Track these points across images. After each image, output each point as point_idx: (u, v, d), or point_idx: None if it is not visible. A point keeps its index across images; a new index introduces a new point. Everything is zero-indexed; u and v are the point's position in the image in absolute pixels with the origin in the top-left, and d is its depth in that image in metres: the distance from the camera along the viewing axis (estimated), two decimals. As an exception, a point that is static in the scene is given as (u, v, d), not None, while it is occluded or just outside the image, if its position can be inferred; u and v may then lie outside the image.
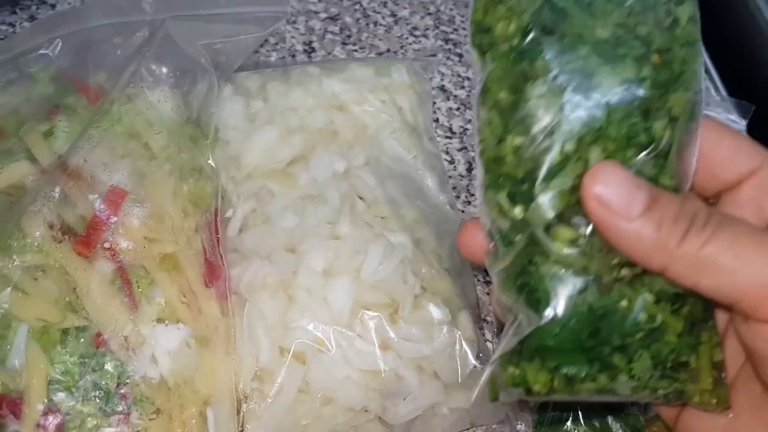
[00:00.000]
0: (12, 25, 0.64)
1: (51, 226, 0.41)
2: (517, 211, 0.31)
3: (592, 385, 0.31)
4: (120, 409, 0.37)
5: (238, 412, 0.40)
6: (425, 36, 0.65)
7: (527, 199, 0.31)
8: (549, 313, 0.30)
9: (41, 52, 0.54)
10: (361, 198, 0.48)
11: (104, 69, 0.52)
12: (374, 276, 0.43)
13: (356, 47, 0.64)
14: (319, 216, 0.46)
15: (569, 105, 0.30)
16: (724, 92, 0.62)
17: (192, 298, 0.42)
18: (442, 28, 0.66)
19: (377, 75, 0.55)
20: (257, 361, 0.41)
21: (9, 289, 0.38)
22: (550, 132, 0.30)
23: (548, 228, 0.30)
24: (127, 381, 0.37)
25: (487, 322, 0.49)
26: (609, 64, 0.30)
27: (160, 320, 0.40)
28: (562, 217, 0.30)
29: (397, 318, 0.42)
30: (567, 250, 0.30)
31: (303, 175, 0.49)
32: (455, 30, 0.66)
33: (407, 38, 0.65)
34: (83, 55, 0.53)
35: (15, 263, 0.39)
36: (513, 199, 0.31)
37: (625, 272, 0.31)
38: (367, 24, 0.65)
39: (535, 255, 0.31)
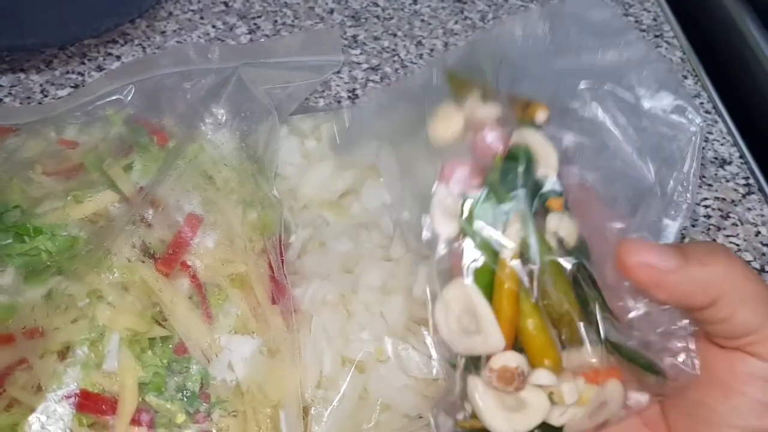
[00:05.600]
0: (81, 74, 0.70)
1: (135, 248, 0.45)
2: None
3: None
4: (203, 408, 0.41)
5: (305, 417, 0.44)
6: (459, 83, 0.70)
7: None
8: None
9: (115, 97, 0.59)
10: (408, 226, 0.53)
11: (173, 112, 0.58)
12: (425, 294, 0.47)
13: (396, 93, 0.69)
14: (372, 241, 0.51)
15: None
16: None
17: (261, 313, 0.46)
18: (474, 75, 0.71)
19: (419, 117, 0.60)
20: (321, 370, 0.45)
21: (101, 303, 0.43)
22: None
23: None
24: (211, 383, 0.41)
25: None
26: None
27: (234, 332, 0.44)
28: None
29: (447, 331, 0.46)
30: None
31: (355, 205, 0.54)
32: (486, 77, 0.71)
33: (442, 85, 0.70)
34: (154, 100, 0.59)
35: (106, 281, 0.44)
36: None
37: None
38: (405, 73, 0.71)
39: None
